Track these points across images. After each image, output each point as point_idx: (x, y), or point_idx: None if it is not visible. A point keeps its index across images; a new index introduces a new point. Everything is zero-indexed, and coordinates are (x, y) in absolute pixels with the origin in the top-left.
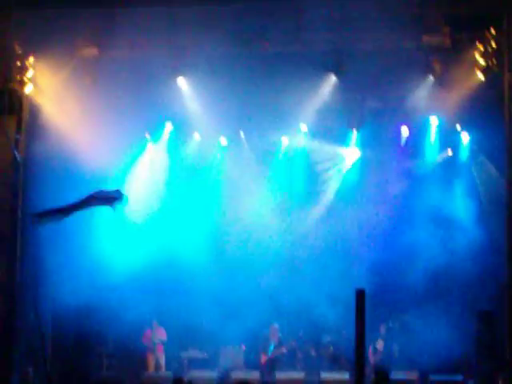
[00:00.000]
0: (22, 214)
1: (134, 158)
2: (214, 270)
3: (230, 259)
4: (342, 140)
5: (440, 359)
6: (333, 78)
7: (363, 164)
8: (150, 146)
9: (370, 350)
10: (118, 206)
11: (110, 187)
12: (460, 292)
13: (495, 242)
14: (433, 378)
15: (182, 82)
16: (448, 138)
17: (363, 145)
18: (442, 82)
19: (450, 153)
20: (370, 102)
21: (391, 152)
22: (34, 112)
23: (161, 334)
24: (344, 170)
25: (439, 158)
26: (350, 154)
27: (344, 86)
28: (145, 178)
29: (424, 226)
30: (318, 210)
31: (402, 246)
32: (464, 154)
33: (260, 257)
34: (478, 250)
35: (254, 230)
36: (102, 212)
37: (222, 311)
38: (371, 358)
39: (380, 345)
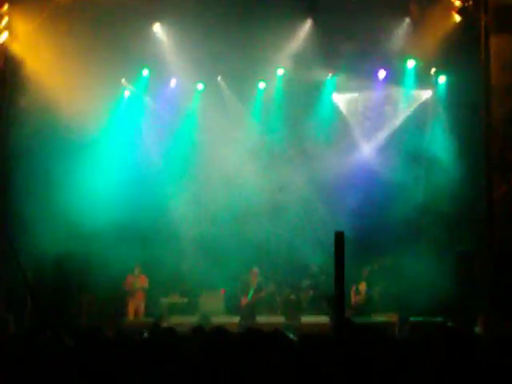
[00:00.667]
0: None
1: (111, 106)
2: (195, 218)
3: (211, 206)
4: (319, 85)
5: (421, 301)
6: (309, 22)
7: (340, 108)
8: (126, 92)
9: (353, 290)
10: None
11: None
12: (440, 232)
13: (475, 180)
14: (412, 319)
15: (157, 28)
16: (425, 81)
17: (340, 89)
18: (418, 24)
19: (427, 94)
20: (347, 46)
21: (368, 95)
22: (10, 61)
23: (142, 281)
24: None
25: (416, 99)
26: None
27: (320, 29)
28: (122, 125)
29: (404, 166)
30: (298, 155)
31: (383, 187)
32: (441, 96)
33: (242, 203)
34: (457, 189)
35: (235, 176)
36: (84, 161)
37: (204, 257)
38: (353, 298)
39: (362, 287)
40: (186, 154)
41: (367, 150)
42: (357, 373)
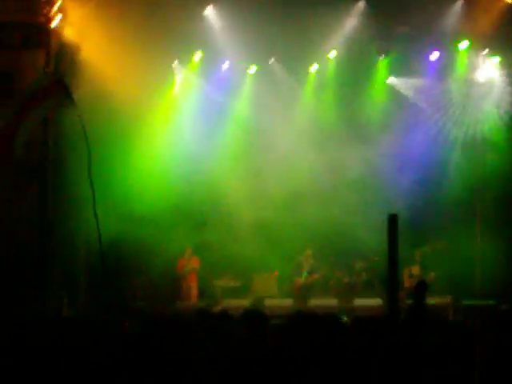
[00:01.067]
0: (52, 146)
1: (165, 88)
2: (249, 199)
3: (265, 187)
4: (372, 67)
5: (474, 284)
6: (361, 4)
7: (393, 91)
8: (180, 75)
9: (406, 274)
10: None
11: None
12: (493, 216)
13: None
14: (465, 302)
15: (209, 11)
16: (478, 62)
17: (392, 71)
18: (471, 5)
19: (480, 77)
20: (399, 28)
21: (421, 77)
22: (63, 45)
23: (194, 263)
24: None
25: (470, 81)
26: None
27: (373, 11)
28: (176, 108)
29: (458, 148)
30: (351, 136)
31: (437, 169)
32: (494, 77)
33: (296, 186)
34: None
35: (289, 157)
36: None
37: (257, 239)
38: (406, 282)
39: (415, 270)
40: (240, 136)
41: (421, 133)
42: (408, 356)
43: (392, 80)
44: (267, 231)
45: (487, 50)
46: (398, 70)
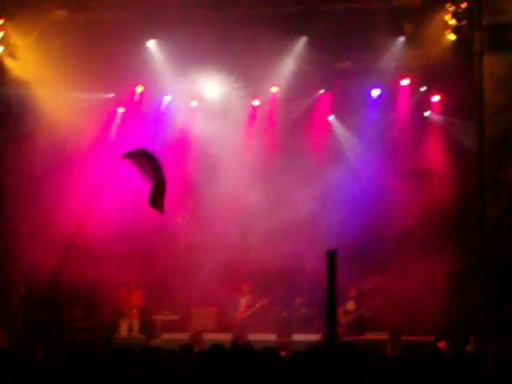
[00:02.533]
0: None
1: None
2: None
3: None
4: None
5: (412, 320)
6: (303, 40)
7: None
8: (120, 109)
9: (341, 311)
10: None
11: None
12: (433, 250)
13: (468, 195)
14: (404, 338)
15: (152, 45)
16: (419, 99)
17: (333, 107)
18: (412, 43)
19: (424, 113)
20: (341, 64)
21: (363, 114)
22: (4, 74)
23: (137, 300)
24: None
25: (411, 118)
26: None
27: (315, 47)
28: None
29: (397, 181)
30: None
31: (375, 204)
32: (435, 114)
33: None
34: (450, 205)
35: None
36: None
37: (195, 273)
38: (342, 318)
39: (351, 306)
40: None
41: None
42: None
43: (332, 119)
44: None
45: (425, 88)
46: (339, 107)
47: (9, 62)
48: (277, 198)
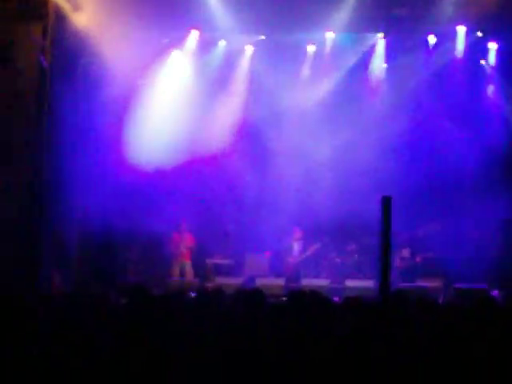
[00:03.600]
0: (47, 122)
1: (159, 67)
2: (241, 177)
3: (259, 163)
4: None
5: (466, 268)
6: None
7: (389, 72)
8: (175, 54)
9: (397, 257)
10: None
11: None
12: (488, 198)
13: None
14: (457, 285)
15: None
16: (475, 47)
17: (389, 53)
18: None
19: (480, 61)
20: (396, 9)
21: (418, 59)
22: (60, 18)
23: (189, 240)
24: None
25: (467, 65)
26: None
27: None
28: (171, 87)
29: (449, 128)
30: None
31: (427, 151)
32: (491, 62)
33: (291, 160)
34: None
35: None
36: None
37: (249, 217)
38: (398, 264)
39: (406, 253)
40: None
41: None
42: (399, 338)
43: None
44: (259, 207)
45: (481, 34)
46: (395, 51)
47: (63, 3)
48: (339, 146)
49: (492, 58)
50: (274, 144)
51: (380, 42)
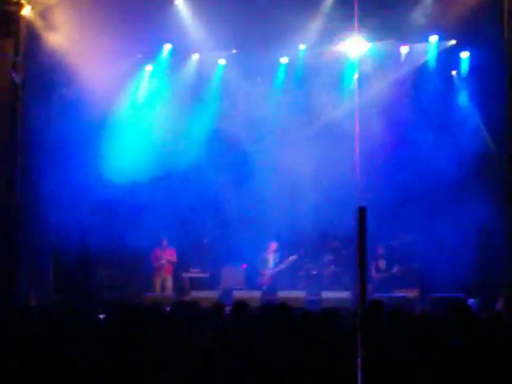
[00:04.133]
0: (21, 137)
1: (132, 83)
2: (216, 188)
3: (236, 176)
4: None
5: (441, 278)
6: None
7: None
8: (148, 69)
9: (373, 268)
10: None
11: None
12: (461, 208)
13: (499, 156)
14: (433, 295)
15: (179, 2)
16: (447, 56)
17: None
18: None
19: (452, 72)
20: (368, 20)
21: (390, 71)
22: (32, 35)
23: (170, 255)
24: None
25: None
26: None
27: (343, 3)
28: (145, 101)
29: (426, 136)
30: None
31: (404, 158)
32: (464, 71)
33: (268, 172)
34: (479, 164)
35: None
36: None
37: (225, 230)
38: (374, 276)
39: (381, 264)
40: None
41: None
42: (375, 347)
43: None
44: (234, 220)
45: (454, 42)
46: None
47: (36, 20)
48: (316, 157)
49: (464, 66)
50: (250, 156)
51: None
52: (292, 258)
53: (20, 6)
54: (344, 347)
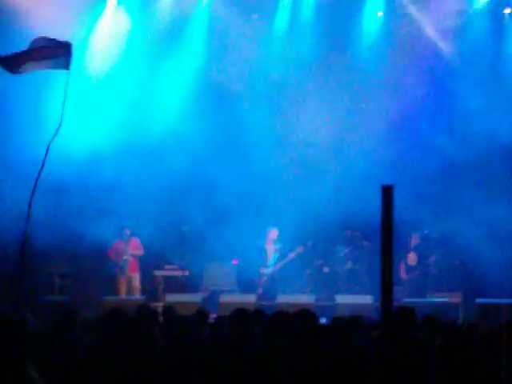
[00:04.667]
0: None
1: (89, 22)
2: (202, 160)
3: (231, 145)
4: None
5: (492, 278)
6: None
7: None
8: (110, 3)
9: (402, 266)
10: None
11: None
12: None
13: None
14: (479, 301)
15: None
16: None
17: None
18: None
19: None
20: None
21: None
22: None
23: (135, 247)
24: None
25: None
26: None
27: None
28: (108, 42)
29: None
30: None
31: (444, 119)
32: None
33: (272, 141)
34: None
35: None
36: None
37: (209, 217)
38: (404, 276)
39: (412, 259)
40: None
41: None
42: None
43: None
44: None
45: None
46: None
47: None
48: (331, 127)
49: None
50: (249, 120)
51: None
52: (297, 250)
53: None
54: (363, 369)
